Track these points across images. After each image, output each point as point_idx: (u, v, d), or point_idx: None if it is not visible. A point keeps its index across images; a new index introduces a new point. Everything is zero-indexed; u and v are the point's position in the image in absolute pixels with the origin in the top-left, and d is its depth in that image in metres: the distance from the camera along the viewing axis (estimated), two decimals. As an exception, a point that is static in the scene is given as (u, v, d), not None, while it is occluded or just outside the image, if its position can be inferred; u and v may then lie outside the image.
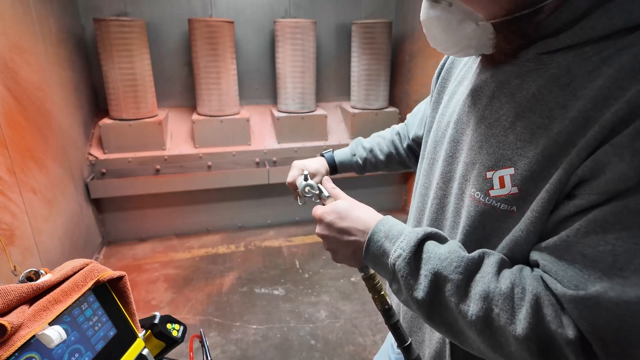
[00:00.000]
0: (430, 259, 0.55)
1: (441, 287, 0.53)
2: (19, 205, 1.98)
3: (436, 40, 0.59)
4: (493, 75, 0.58)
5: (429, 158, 0.74)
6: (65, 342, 0.59)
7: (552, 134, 0.49)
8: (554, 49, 0.51)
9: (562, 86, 0.49)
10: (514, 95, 0.54)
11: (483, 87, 0.60)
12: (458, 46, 0.57)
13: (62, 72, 2.70)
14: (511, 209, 0.53)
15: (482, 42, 0.54)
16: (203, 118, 3.17)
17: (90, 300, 0.66)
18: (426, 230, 0.58)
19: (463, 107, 0.63)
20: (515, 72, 0.55)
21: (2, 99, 1.94)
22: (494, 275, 0.51)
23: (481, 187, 0.56)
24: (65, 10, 2.82)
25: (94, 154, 2.98)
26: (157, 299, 2.54)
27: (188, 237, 3.34)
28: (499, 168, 0.54)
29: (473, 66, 0.66)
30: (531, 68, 0.53)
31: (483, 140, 0.57)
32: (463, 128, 0.63)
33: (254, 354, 2.11)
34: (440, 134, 0.70)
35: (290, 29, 3.16)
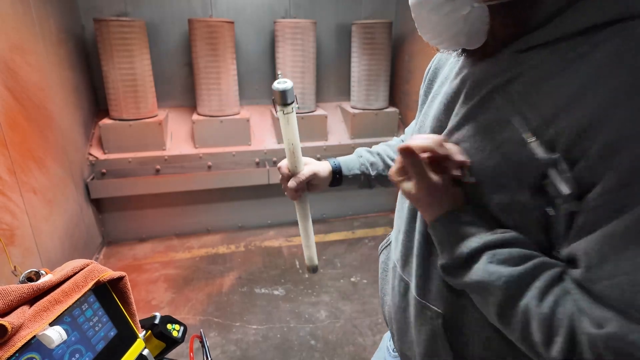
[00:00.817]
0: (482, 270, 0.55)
1: (486, 295, 0.55)
2: (19, 205, 1.98)
3: (425, 26, 0.57)
4: (473, 73, 0.58)
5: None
6: (66, 342, 0.59)
7: (515, 132, 0.50)
8: (531, 46, 0.51)
9: (535, 82, 0.50)
10: (486, 93, 0.55)
11: (460, 87, 0.60)
12: (448, 32, 0.54)
13: (63, 72, 2.70)
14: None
15: (476, 29, 0.52)
16: (203, 118, 3.17)
17: (91, 300, 0.66)
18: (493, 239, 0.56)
19: (441, 106, 0.64)
20: (490, 71, 0.55)
21: (3, 99, 1.95)
22: (540, 293, 0.49)
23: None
24: (65, 11, 2.82)
25: (94, 154, 2.98)
26: (157, 299, 2.55)
27: (188, 237, 3.34)
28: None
29: (456, 66, 0.66)
30: (506, 66, 0.53)
31: (461, 139, 0.59)
32: (442, 126, 0.64)
33: (254, 354, 2.11)
34: (423, 132, 0.72)
35: (290, 29, 3.16)
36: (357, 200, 3.70)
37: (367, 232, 3.40)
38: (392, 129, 3.61)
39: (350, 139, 3.52)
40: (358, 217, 3.66)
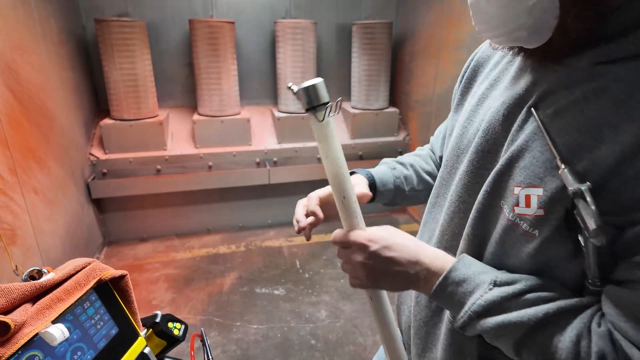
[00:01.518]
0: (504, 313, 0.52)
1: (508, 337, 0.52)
2: (21, 205, 1.98)
3: (481, 16, 0.50)
4: (537, 82, 0.52)
5: (449, 165, 0.68)
6: (68, 340, 0.60)
7: (595, 157, 0.43)
8: (614, 59, 0.44)
9: (617, 103, 0.43)
10: (559, 108, 0.48)
11: (524, 95, 0.53)
12: (508, 25, 0.48)
13: (64, 73, 2.71)
14: (533, 232, 0.49)
15: (541, 23, 0.45)
16: (204, 118, 3.18)
17: (93, 298, 0.67)
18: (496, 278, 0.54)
19: (497, 115, 0.56)
20: (563, 81, 0.48)
21: (4, 100, 1.95)
22: (559, 332, 0.48)
23: (508, 201, 0.52)
24: (66, 11, 2.83)
25: (95, 154, 2.99)
26: (158, 299, 2.55)
27: (189, 237, 3.35)
28: (527, 186, 0.49)
29: (510, 68, 0.60)
30: (583, 78, 0.46)
31: (517, 152, 0.51)
32: (497, 138, 0.56)
33: (255, 354, 2.12)
34: (466, 142, 0.64)
35: (290, 30, 3.16)
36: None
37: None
38: (393, 129, 3.61)
39: (350, 139, 3.52)
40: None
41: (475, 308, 0.53)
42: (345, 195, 0.61)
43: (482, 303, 0.52)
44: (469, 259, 0.57)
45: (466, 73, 0.73)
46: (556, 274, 0.51)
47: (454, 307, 0.56)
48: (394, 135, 3.63)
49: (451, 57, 2.92)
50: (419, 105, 3.44)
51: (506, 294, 0.51)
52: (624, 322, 0.43)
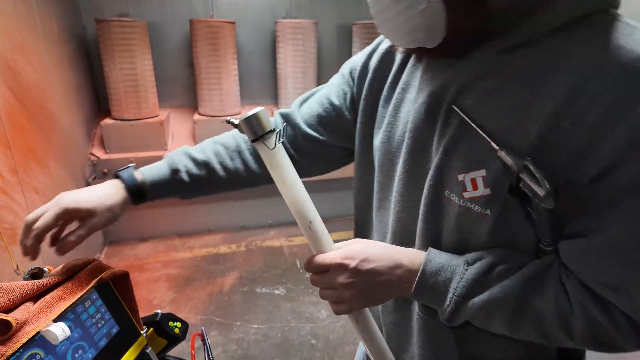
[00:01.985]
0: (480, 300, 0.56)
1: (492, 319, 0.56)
2: (22, 205, 1.99)
3: (383, 22, 0.54)
4: (450, 79, 0.55)
5: (384, 170, 0.69)
6: (69, 338, 0.60)
7: (524, 133, 0.48)
8: (512, 46, 0.50)
9: (526, 85, 0.49)
10: (479, 98, 0.52)
11: (442, 92, 0.56)
12: (406, 27, 0.52)
13: (64, 73, 2.71)
14: (485, 212, 0.53)
15: (434, 23, 0.50)
16: (204, 118, 3.18)
17: (94, 297, 0.67)
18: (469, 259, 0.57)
19: (419, 115, 0.59)
20: (474, 74, 0.53)
21: (5, 100, 1.95)
22: (540, 295, 0.53)
23: (455, 190, 0.55)
24: (67, 11, 2.83)
25: (96, 154, 2.99)
26: (158, 299, 2.55)
27: (189, 237, 3.35)
28: (470, 170, 0.53)
29: (416, 72, 0.63)
30: (492, 68, 0.52)
31: (450, 144, 0.55)
32: (425, 135, 0.59)
33: (255, 353, 2.12)
34: (395, 145, 0.65)
35: (291, 30, 3.16)
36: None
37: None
38: (393, 129, 3.61)
39: (351, 139, 3.52)
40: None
41: (459, 292, 0.55)
42: (311, 219, 0.59)
43: (464, 284, 0.55)
44: (436, 250, 0.59)
45: (371, 73, 0.72)
46: (514, 244, 0.55)
47: (438, 298, 0.57)
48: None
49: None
50: (420, 105, 3.44)
51: (482, 269, 0.54)
52: (588, 268, 0.49)
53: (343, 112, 0.78)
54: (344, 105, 0.78)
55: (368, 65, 0.73)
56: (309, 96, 0.85)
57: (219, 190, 0.82)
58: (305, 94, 0.86)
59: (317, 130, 0.79)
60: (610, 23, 0.46)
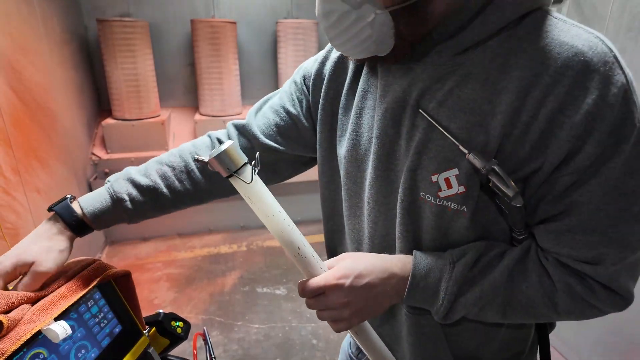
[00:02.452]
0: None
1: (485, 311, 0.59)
2: (23, 204, 1.99)
3: (334, 35, 0.55)
4: (410, 83, 0.57)
5: (352, 177, 0.68)
6: (72, 338, 0.60)
7: (487, 129, 0.51)
8: (463, 48, 0.52)
9: (482, 82, 0.51)
10: (440, 100, 0.54)
11: (404, 97, 0.58)
12: (357, 39, 0.54)
13: (66, 73, 2.72)
14: (462, 209, 0.55)
15: (383, 34, 0.52)
16: (205, 118, 3.19)
17: (97, 297, 0.67)
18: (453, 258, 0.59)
19: (384, 120, 0.60)
20: (433, 76, 0.55)
21: (7, 99, 1.96)
22: (525, 280, 0.56)
23: (429, 190, 0.56)
24: (68, 11, 2.84)
25: (97, 153, 3.00)
26: (159, 298, 2.56)
27: (190, 237, 3.36)
28: (443, 170, 0.54)
29: (372, 79, 0.64)
30: (448, 70, 0.53)
31: (420, 146, 0.56)
32: (392, 140, 0.60)
33: (256, 353, 2.12)
34: (362, 151, 0.65)
35: (292, 30, 3.17)
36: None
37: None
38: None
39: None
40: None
41: (450, 290, 0.57)
42: (299, 245, 0.58)
43: (454, 282, 0.57)
44: (421, 252, 0.60)
45: (327, 82, 0.71)
46: (491, 235, 0.58)
47: (430, 299, 0.59)
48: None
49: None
50: (420, 105, 3.44)
51: (468, 265, 0.56)
52: (563, 247, 0.53)
53: (300, 120, 0.77)
54: (300, 113, 0.77)
55: (322, 73, 0.73)
56: (261, 105, 0.83)
57: (166, 212, 0.82)
58: (257, 102, 0.84)
59: (276, 140, 0.77)
60: (547, 20, 0.50)
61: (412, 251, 0.61)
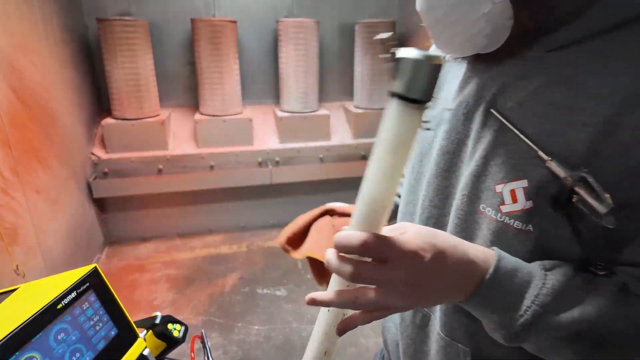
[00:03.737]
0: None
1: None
2: (22, 204, 1.98)
3: (439, 32, 0.50)
4: (491, 78, 0.51)
5: (415, 171, 0.65)
6: (66, 341, 0.59)
7: (571, 140, 0.44)
8: (561, 45, 0.46)
9: (576, 87, 0.44)
10: (521, 100, 0.48)
11: (481, 92, 0.52)
12: (466, 34, 0.48)
13: (66, 72, 2.71)
14: (527, 229, 0.47)
15: (498, 27, 0.46)
16: (206, 118, 3.17)
17: (92, 299, 0.66)
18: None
19: (456, 116, 0.55)
20: (518, 73, 0.49)
21: (7, 99, 1.95)
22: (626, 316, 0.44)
23: (491, 203, 0.49)
24: (69, 10, 2.83)
25: (97, 153, 2.99)
26: (159, 299, 2.54)
27: (190, 237, 3.34)
28: (510, 180, 0.47)
29: (451, 69, 0.60)
30: (538, 67, 0.47)
31: (489, 149, 0.50)
32: (460, 138, 0.55)
33: (256, 355, 2.11)
34: (427, 146, 0.61)
35: (293, 29, 3.15)
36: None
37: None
38: (395, 129, 3.60)
39: (353, 138, 3.51)
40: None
41: (541, 300, 0.44)
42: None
43: (548, 292, 0.44)
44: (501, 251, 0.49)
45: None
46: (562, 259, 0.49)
47: (507, 307, 0.45)
48: (397, 136, 3.61)
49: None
50: (422, 105, 3.42)
51: (567, 276, 0.45)
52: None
53: None
54: None
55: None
56: None
57: None
58: None
59: None
60: None
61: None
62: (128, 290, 2.59)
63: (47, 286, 0.64)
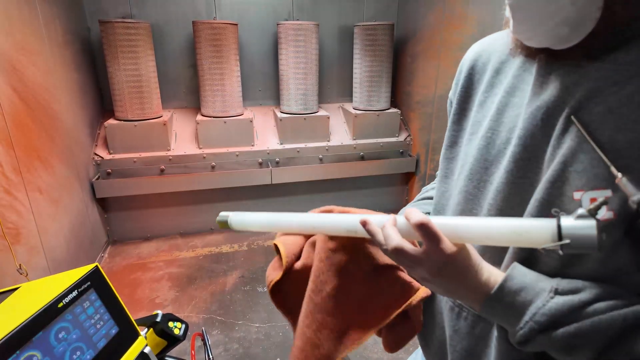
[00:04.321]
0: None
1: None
2: (25, 204, 2.01)
3: (527, 13, 0.48)
4: (576, 83, 0.48)
5: (475, 179, 0.61)
6: (67, 340, 0.61)
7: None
8: None
9: None
10: (611, 106, 0.45)
11: (564, 97, 0.49)
12: (553, 20, 0.45)
13: (68, 74, 2.74)
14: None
15: (586, 15, 0.43)
16: (207, 119, 3.20)
17: (92, 298, 0.68)
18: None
19: (533, 120, 0.52)
20: (610, 78, 0.46)
21: (9, 100, 1.98)
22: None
23: (567, 209, 0.47)
24: (71, 12, 2.85)
25: (100, 154, 3.02)
26: (161, 297, 2.57)
27: (192, 237, 3.37)
28: (592, 189, 0.45)
29: (524, 75, 0.57)
30: (633, 73, 0.44)
31: (569, 155, 0.47)
32: (538, 144, 0.52)
33: (257, 352, 2.13)
34: (494, 152, 0.58)
35: (293, 31, 3.17)
36: (359, 201, 3.71)
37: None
38: (394, 130, 3.61)
39: (352, 139, 3.53)
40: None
41: (538, 318, 0.47)
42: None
43: (546, 312, 0.47)
44: (523, 268, 0.51)
45: (460, 81, 0.69)
46: (622, 282, 0.47)
47: (509, 319, 0.50)
48: (396, 136, 3.63)
49: (452, 58, 2.92)
50: (421, 106, 3.44)
51: (572, 303, 0.46)
52: None
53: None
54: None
55: (464, 73, 0.70)
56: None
57: None
58: None
59: None
60: None
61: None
62: (130, 289, 2.62)
63: (48, 285, 0.66)
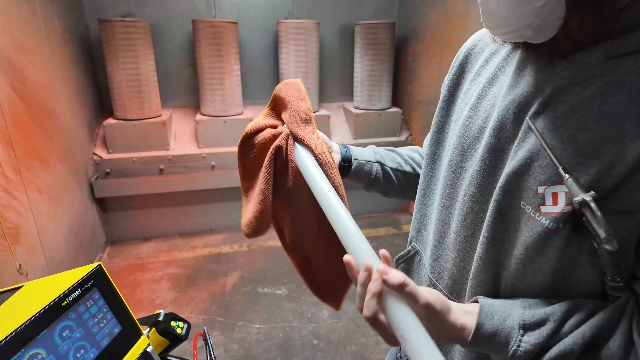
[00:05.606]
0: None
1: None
2: (24, 204, 2.00)
3: (491, 15, 0.51)
4: (547, 79, 0.51)
5: (453, 165, 0.65)
6: (71, 338, 0.60)
7: (620, 149, 0.44)
8: (624, 52, 0.45)
9: (633, 94, 0.44)
10: (574, 105, 0.48)
11: (535, 92, 0.52)
12: (516, 24, 0.48)
13: (67, 73, 2.72)
14: (557, 226, 0.49)
15: (546, 23, 0.46)
16: (207, 118, 3.19)
17: (96, 297, 0.67)
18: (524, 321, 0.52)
19: (506, 113, 0.55)
20: (574, 78, 0.48)
21: (8, 99, 1.96)
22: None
23: (532, 202, 0.51)
24: (70, 11, 2.84)
25: (99, 153, 3.00)
26: (160, 298, 2.56)
27: (191, 237, 3.36)
28: (553, 184, 0.49)
29: (506, 67, 0.59)
30: (595, 74, 0.47)
31: (534, 150, 0.51)
32: (510, 136, 0.55)
33: (257, 353, 2.12)
34: (470, 140, 0.62)
35: (293, 30, 3.17)
36: (359, 201, 3.70)
37: (370, 233, 3.40)
38: (395, 129, 3.61)
39: (353, 139, 3.52)
40: (361, 218, 3.66)
41: (515, 357, 0.52)
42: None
43: (521, 355, 0.51)
44: (487, 305, 0.54)
45: (454, 68, 0.72)
46: (579, 275, 0.51)
47: (494, 355, 0.56)
48: (397, 135, 3.62)
49: (453, 57, 2.91)
50: (422, 105, 3.43)
51: (541, 339, 0.50)
52: None
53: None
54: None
55: (457, 61, 0.74)
56: None
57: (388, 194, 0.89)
58: None
59: None
60: None
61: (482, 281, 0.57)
62: (129, 290, 2.60)
63: (52, 284, 0.65)
